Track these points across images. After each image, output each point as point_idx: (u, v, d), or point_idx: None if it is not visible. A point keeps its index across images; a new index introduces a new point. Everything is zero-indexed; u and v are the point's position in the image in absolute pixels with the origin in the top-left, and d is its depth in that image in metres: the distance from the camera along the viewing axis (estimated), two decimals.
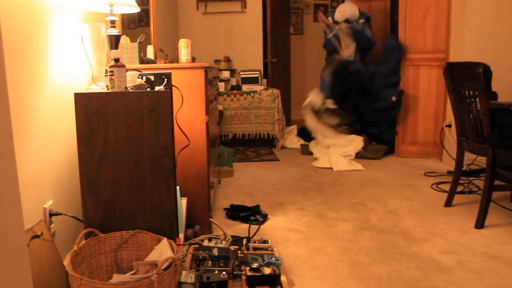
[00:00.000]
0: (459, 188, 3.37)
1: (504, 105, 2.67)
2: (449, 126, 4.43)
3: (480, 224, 2.74)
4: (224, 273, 2.00)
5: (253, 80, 5.58)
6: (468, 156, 3.85)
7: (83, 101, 1.88)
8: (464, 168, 3.20)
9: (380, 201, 3.32)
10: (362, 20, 5.41)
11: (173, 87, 2.24)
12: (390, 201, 3.33)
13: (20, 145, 1.70)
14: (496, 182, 2.78)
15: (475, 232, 2.70)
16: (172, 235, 1.97)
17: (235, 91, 5.46)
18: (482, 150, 2.79)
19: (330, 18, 5.52)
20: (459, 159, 3.09)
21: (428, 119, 4.70)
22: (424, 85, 4.69)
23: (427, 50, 4.64)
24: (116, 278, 1.66)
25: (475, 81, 2.71)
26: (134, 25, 3.46)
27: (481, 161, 3.94)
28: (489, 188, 2.73)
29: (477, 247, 2.48)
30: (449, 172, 4.06)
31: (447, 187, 3.43)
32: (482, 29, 4.07)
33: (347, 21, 5.44)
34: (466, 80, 2.84)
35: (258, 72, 5.65)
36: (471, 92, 2.85)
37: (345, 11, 5.47)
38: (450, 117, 4.41)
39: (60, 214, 2.00)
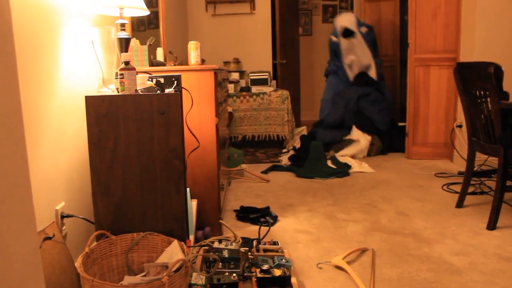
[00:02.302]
0: (471, 189, 3.34)
1: None
2: (460, 126, 4.40)
3: (492, 225, 2.72)
4: (234, 275, 2.00)
5: (263, 82, 5.59)
6: (480, 157, 3.82)
7: (94, 104, 1.89)
8: (475, 168, 3.17)
9: (391, 202, 3.30)
10: (365, 29, 5.44)
11: (183, 89, 2.25)
12: (400, 202, 3.31)
13: (32, 148, 1.72)
14: (508, 183, 2.75)
15: (487, 233, 2.67)
16: (182, 237, 1.97)
17: (244, 93, 5.47)
18: (494, 150, 2.77)
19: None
20: (470, 160, 3.07)
21: (439, 120, 4.67)
22: (434, 85, 4.66)
23: (437, 50, 4.61)
24: (127, 280, 1.67)
25: (486, 81, 2.69)
26: (144, 27, 3.48)
27: (493, 162, 3.91)
28: (501, 189, 2.70)
29: (489, 248, 2.46)
30: (460, 173, 4.03)
31: (458, 188, 3.41)
32: (492, 29, 4.04)
33: (346, 31, 5.43)
34: (477, 80, 2.82)
35: (267, 74, 5.65)
36: (482, 92, 2.83)
37: (342, 20, 5.53)
38: (460, 118, 4.38)
39: (71, 216, 2.01)
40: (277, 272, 2.03)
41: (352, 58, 5.45)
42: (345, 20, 5.50)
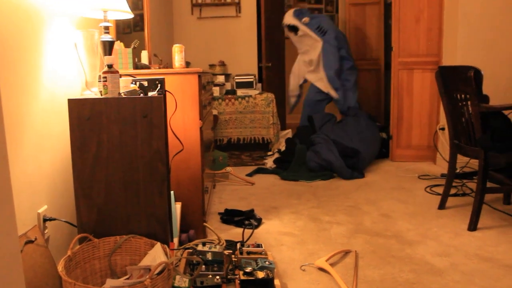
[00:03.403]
0: (453, 191, 3.39)
1: (495, 108, 2.70)
2: (443, 129, 4.46)
3: (473, 226, 2.76)
4: (218, 277, 2.01)
5: (248, 85, 5.59)
6: (462, 159, 3.88)
7: (76, 107, 1.89)
8: (457, 170, 3.22)
9: (374, 204, 3.34)
10: (306, 19, 5.38)
11: (166, 92, 2.26)
12: (384, 204, 3.34)
13: (13, 150, 1.71)
14: (489, 185, 2.80)
15: (468, 234, 2.71)
16: (165, 240, 1.98)
17: (230, 96, 5.47)
18: (474, 152, 2.81)
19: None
20: (452, 162, 3.12)
21: (422, 123, 4.73)
22: (417, 89, 4.72)
23: (420, 53, 4.67)
24: (110, 283, 1.67)
25: (466, 85, 2.74)
26: (129, 30, 3.47)
27: (474, 164, 3.96)
28: (481, 191, 2.75)
29: (470, 249, 2.50)
30: (442, 175, 4.08)
31: (440, 190, 3.45)
32: (474, 33, 4.10)
33: (289, 27, 5.51)
34: (458, 84, 2.87)
35: (253, 77, 5.66)
36: (462, 96, 2.87)
37: (284, 20, 5.62)
38: (443, 120, 4.44)
39: (54, 219, 2.00)
40: (261, 275, 2.04)
41: (305, 58, 5.47)
42: (285, 18, 5.58)
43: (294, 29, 5.46)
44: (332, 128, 4.74)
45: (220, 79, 5.75)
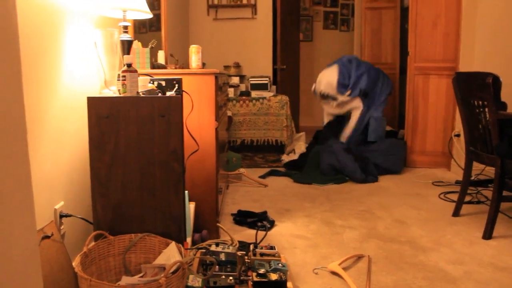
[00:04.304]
0: (467, 198, 3.36)
1: None
2: (458, 135, 4.42)
3: (488, 234, 2.73)
4: (231, 278, 2.01)
5: (263, 87, 5.60)
6: (477, 166, 3.84)
7: (95, 105, 1.90)
8: (472, 178, 3.19)
9: (388, 210, 3.32)
10: (347, 94, 4.82)
11: (183, 92, 2.27)
12: (397, 210, 3.33)
13: (33, 147, 1.73)
14: (505, 193, 2.77)
15: (482, 242, 2.69)
16: (180, 239, 1.99)
17: (244, 97, 5.48)
18: (491, 160, 2.79)
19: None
20: (468, 169, 3.09)
21: (437, 129, 4.69)
22: (433, 94, 4.68)
23: (437, 59, 4.63)
24: (125, 280, 1.68)
25: (484, 91, 2.71)
26: (145, 29, 3.49)
27: (490, 171, 3.93)
28: (497, 199, 2.72)
29: (485, 258, 2.47)
30: (457, 182, 4.05)
31: (455, 197, 3.42)
32: (492, 39, 4.06)
33: (324, 95, 4.96)
34: (475, 90, 2.85)
35: (267, 79, 5.67)
36: (480, 102, 2.85)
37: (321, 81, 4.98)
38: (458, 127, 4.40)
39: (70, 215, 2.02)
40: (274, 277, 2.04)
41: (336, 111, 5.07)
42: (324, 83, 4.93)
43: (328, 98, 4.96)
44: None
45: (235, 80, 5.77)
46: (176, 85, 2.25)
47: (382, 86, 4.97)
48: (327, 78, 4.91)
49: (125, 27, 2.32)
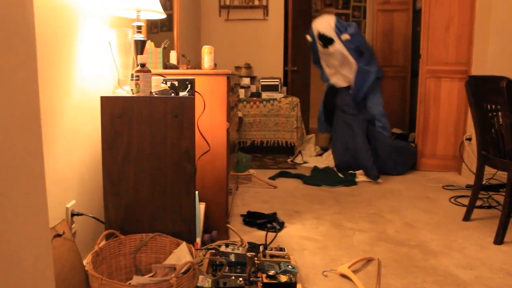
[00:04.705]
0: (478, 203, 3.33)
1: None
2: (469, 139, 4.39)
3: (499, 239, 2.71)
4: (240, 279, 2.01)
5: (273, 88, 5.61)
6: (488, 171, 3.81)
7: (109, 104, 1.92)
8: (483, 182, 3.16)
9: (398, 213, 3.30)
10: (346, 36, 4.69)
11: (195, 93, 2.27)
12: (407, 213, 3.31)
13: (46, 146, 1.74)
14: None
15: (494, 247, 2.67)
16: (190, 240, 1.99)
17: (254, 98, 5.49)
18: (503, 165, 2.77)
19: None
20: (479, 173, 3.07)
21: (448, 132, 4.66)
22: (445, 97, 4.66)
23: (449, 62, 4.60)
24: (136, 279, 1.69)
25: (498, 95, 2.69)
26: (156, 30, 3.51)
27: (502, 176, 3.90)
28: (509, 204, 2.70)
29: (496, 263, 2.45)
30: (468, 186, 4.02)
31: (465, 201, 3.40)
32: (505, 42, 4.03)
33: (321, 36, 4.77)
34: (489, 94, 2.83)
35: (278, 80, 5.67)
36: (493, 106, 2.83)
37: (318, 23, 4.85)
38: (470, 130, 4.37)
39: (81, 214, 2.04)
40: (283, 278, 2.04)
41: (330, 71, 5.00)
42: (321, 24, 4.80)
43: (326, 40, 4.78)
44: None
45: (246, 81, 5.78)
46: (189, 85, 2.26)
47: (371, 60, 4.83)
48: (325, 21, 4.79)
49: (139, 27, 2.33)
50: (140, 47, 2.30)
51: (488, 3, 4.09)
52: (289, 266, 2.14)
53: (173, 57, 3.18)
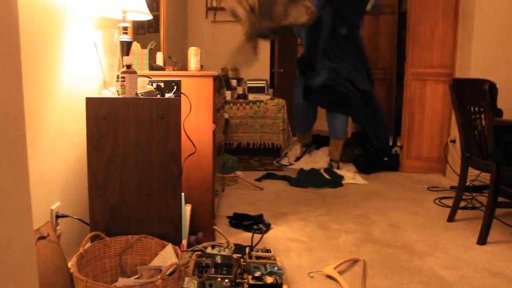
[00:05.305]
0: (462, 204, 3.37)
1: (509, 122, 2.69)
2: (453, 141, 4.44)
3: (482, 240, 2.75)
4: (226, 280, 2.01)
5: (260, 90, 5.62)
6: (472, 172, 3.86)
7: (94, 105, 1.91)
8: (467, 183, 3.20)
9: (383, 214, 3.33)
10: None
11: (181, 94, 2.27)
12: (393, 214, 3.34)
13: (31, 147, 1.72)
14: (500, 199, 2.78)
15: (477, 248, 2.70)
16: (177, 241, 1.99)
17: (241, 100, 5.49)
18: (486, 166, 2.80)
19: None
20: (463, 175, 3.11)
21: (433, 134, 4.71)
22: (430, 100, 4.70)
23: (434, 64, 4.65)
24: (121, 281, 1.68)
25: (481, 98, 2.73)
26: (143, 31, 3.49)
27: (485, 177, 3.94)
28: (492, 205, 2.73)
29: (479, 263, 2.48)
30: (452, 187, 4.07)
31: (450, 202, 3.43)
32: (489, 46, 4.09)
33: None
34: (472, 97, 2.86)
35: (264, 82, 5.68)
36: (476, 109, 2.87)
37: None
38: (454, 133, 4.42)
39: (66, 216, 2.02)
40: (269, 280, 2.04)
41: None
42: None
43: None
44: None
45: (232, 83, 5.78)
46: (175, 87, 2.25)
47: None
48: None
49: (125, 28, 2.32)
50: (126, 48, 2.29)
51: (471, 8, 4.15)
52: (275, 268, 2.15)
53: (159, 59, 3.17)
